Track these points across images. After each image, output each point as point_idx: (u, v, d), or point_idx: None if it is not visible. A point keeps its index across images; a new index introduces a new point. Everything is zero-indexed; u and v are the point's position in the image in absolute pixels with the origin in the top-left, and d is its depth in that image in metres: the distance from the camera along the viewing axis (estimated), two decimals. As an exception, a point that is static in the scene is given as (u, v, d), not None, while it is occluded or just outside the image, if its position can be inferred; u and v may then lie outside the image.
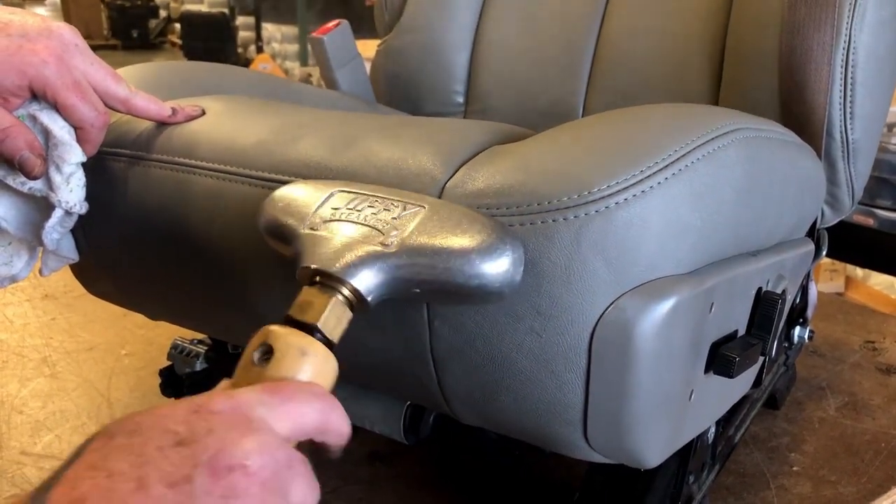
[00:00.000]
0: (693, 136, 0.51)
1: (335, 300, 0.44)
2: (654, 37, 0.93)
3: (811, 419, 1.06)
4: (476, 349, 0.51)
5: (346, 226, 0.48)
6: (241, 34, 6.71)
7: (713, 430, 0.79)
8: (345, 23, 1.02)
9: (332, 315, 0.44)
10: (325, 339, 0.43)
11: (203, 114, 0.67)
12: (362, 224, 0.47)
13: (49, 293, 1.44)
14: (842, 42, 0.74)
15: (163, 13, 8.60)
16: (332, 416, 0.40)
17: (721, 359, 0.57)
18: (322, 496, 0.39)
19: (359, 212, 0.48)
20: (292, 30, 6.21)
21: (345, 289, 0.45)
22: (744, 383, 0.70)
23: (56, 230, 0.64)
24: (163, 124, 0.66)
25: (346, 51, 1.02)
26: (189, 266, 0.65)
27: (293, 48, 6.15)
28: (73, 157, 0.61)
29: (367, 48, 1.16)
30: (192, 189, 0.62)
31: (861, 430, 1.03)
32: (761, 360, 0.66)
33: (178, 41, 7.34)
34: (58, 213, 0.63)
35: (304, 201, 0.51)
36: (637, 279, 0.48)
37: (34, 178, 0.60)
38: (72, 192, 0.62)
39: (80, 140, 0.62)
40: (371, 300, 0.46)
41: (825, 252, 0.85)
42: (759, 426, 1.03)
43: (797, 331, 0.88)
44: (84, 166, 0.66)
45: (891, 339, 1.31)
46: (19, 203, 0.65)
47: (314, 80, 4.35)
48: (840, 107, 0.76)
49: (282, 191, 0.53)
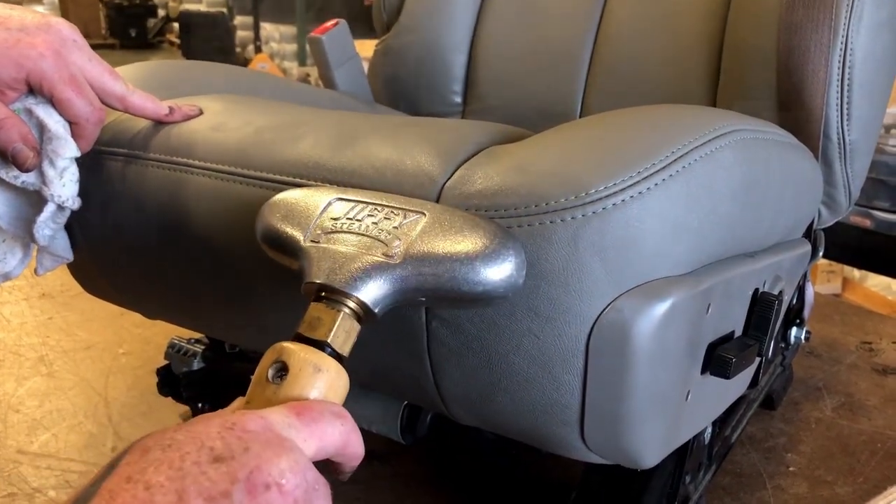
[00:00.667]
0: (690, 138, 0.51)
1: (343, 315, 0.45)
2: (653, 37, 0.93)
3: (808, 420, 1.06)
4: (473, 350, 0.51)
5: (348, 237, 0.48)
6: (240, 34, 6.70)
7: (710, 430, 0.79)
8: (343, 22, 1.02)
9: (341, 330, 0.45)
10: (335, 354, 0.44)
11: (200, 113, 0.67)
12: (364, 235, 0.47)
13: (46, 292, 1.44)
14: (839, 43, 0.74)
15: (161, 12, 8.59)
16: (351, 437, 0.42)
17: (718, 359, 0.57)
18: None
19: (359, 221, 0.48)
20: (291, 29, 6.21)
21: (352, 303, 0.45)
22: (740, 384, 0.70)
23: (48, 225, 0.64)
24: (160, 123, 0.66)
25: (344, 50, 1.02)
26: (186, 265, 0.65)
27: (291, 48, 6.15)
28: (67, 151, 0.61)
29: (366, 48, 1.16)
30: (188, 188, 0.62)
31: (857, 431, 1.04)
32: (758, 360, 0.66)
33: (177, 40, 7.33)
34: (50, 208, 0.63)
35: (303, 211, 0.50)
36: (634, 280, 0.48)
37: (26, 171, 0.60)
38: (65, 186, 0.62)
39: (75, 135, 0.62)
40: (378, 311, 0.46)
41: (822, 253, 0.85)
42: (756, 426, 1.03)
43: (794, 331, 0.88)
44: (81, 164, 0.66)
45: (887, 340, 1.31)
46: (12, 197, 0.65)
47: (312, 80, 4.34)
48: (837, 108, 0.76)
49: (278, 199, 0.52)
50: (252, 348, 0.86)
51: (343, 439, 0.41)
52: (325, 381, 0.43)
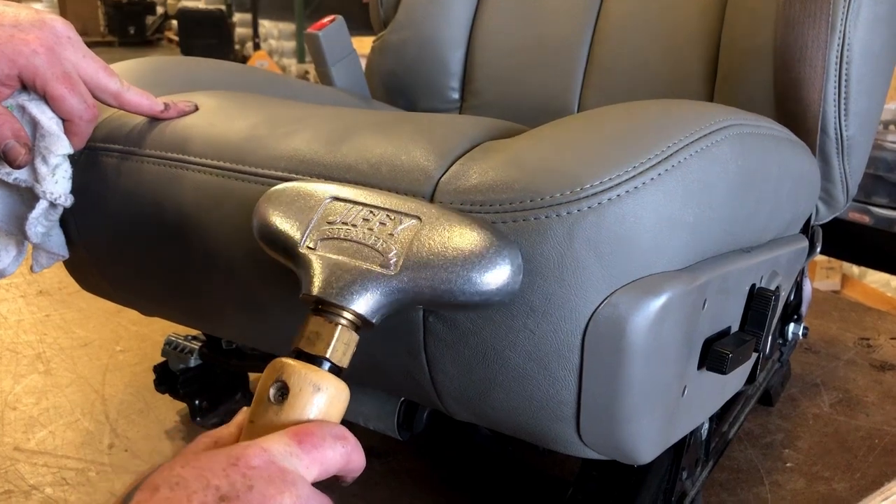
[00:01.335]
0: (686, 133, 0.51)
1: (341, 329, 0.46)
2: (650, 33, 0.93)
3: (805, 416, 1.06)
4: (469, 346, 0.51)
5: (344, 245, 0.48)
6: (238, 31, 6.70)
7: (707, 426, 0.79)
8: (340, 18, 1.02)
9: (340, 343, 0.45)
10: (335, 368, 0.45)
11: (196, 109, 0.67)
12: (360, 243, 0.47)
13: (43, 289, 1.44)
14: (836, 38, 0.74)
15: (160, 10, 8.58)
16: (353, 455, 0.43)
17: (714, 355, 0.57)
18: (317, 492, 0.40)
19: (355, 227, 0.48)
20: (289, 26, 6.20)
21: (349, 315, 0.46)
22: (737, 380, 0.70)
23: (40, 223, 0.64)
24: (155, 119, 0.66)
25: (341, 46, 1.02)
26: (182, 261, 0.65)
27: (290, 45, 6.15)
28: (60, 148, 0.61)
29: (363, 45, 1.16)
30: (184, 184, 0.62)
31: (855, 427, 1.04)
32: (755, 356, 0.66)
33: (175, 38, 7.32)
34: (42, 205, 0.63)
35: (299, 212, 0.50)
36: (630, 275, 0.48)
37: (18, 168, 0.60)
38: (57, 183, 0.62)
39: (68, 132, 0.62)
40: (375, 321, 0.47)
41: (819, 249, 0.85)
42: (754, 422, 1.03)
43: (791, 327, 0.88)
44: (75, 161, 0.65)
45: (885, 337, 1.31)
46: (4, 195, 0.65)
47: (311, 77, 4.34)
48: (834, 103, 0.76)
49: (274, 195, 0.52)
50: (249, 345, 0.86)
51: (344, 460, 0.42)
52: (325, 399, 0.43)
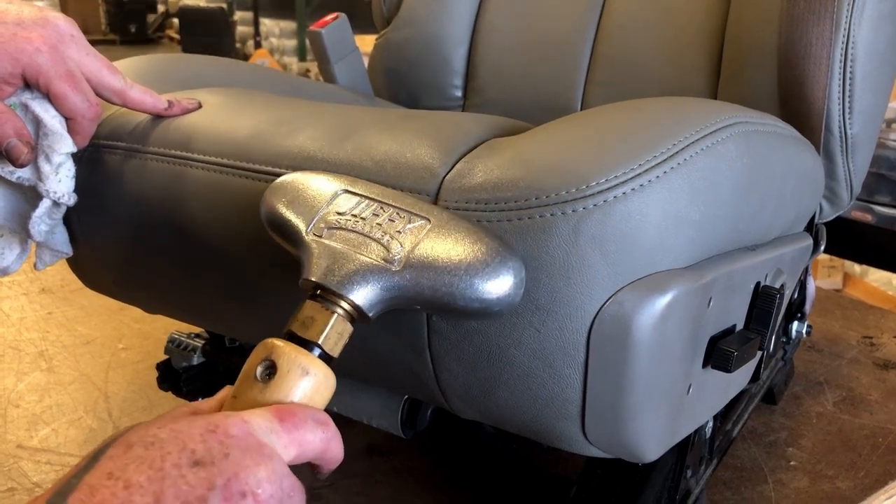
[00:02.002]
0: (692, 130, 0.51)
1: (337, 317, 0.45)
2: (653, 31, 0.93)
3: (809, 414, 1.06)
4: (474, 344, 0.51)
5: (350, 235, 0.47)
6: (240, 29, 6.69)
7: (711, 424, 0.79)
8: (343, 16, 1.02)
9: (334, 331, 0.45)
10: (325, 356, 0.44)
11: (199, 107, 0.67)
12: (367, 236, 0.47)
13: (46, 287, 1.44)
14: (841, 36, 0.74)
15: (161, 8, 8.57)
16: (332, 444, 0.42)
17: (719, 353, 0.56)
18: (319, 490, 0.40)
19: (364, 220, 0.48)
20: (290, 25, 6.20)
21: (346, 304, 0.45)
22: (742, 378, 0.70)
23: (44, 221, 0.64)
24: (159, 117, 0.66)
25: (344, 44, 1.02)
26: (185, 259, 0.65)
27: (291, 43, 6.14)
28: (63, 147, 0.61)
29: (366, 43, 1.16)
30: (188, 182, 0.62)
31: (859, 425, 1.03)
32: (759, 354, 0.66)
33: (176, 36, 7.32)
34: (45, 204, 0.63)
35: (309, 200, 0.50)
36: (635, 273, 0.48)
37: (20, 167, 0.60)
38: (60, 182, 0.62)
39: (72, 131, 0.62)
40: (372, 315, 0.46)
41: (823, 247, 0.85)
42: (757, 421, 1.03)
43: (795, 326, 0.88)
44: (79, 159, 0.65)
45: (888, 335, 1.31)
46: (7, 193, 0.65)
47: (312, 76, 4.34)
48: (839, 101, 0.76)
49: (286, 181, 0.52)
50: (252, 342, 0.86)
51: (323, 446, 0.42)
52: (311, 384, 0.43)
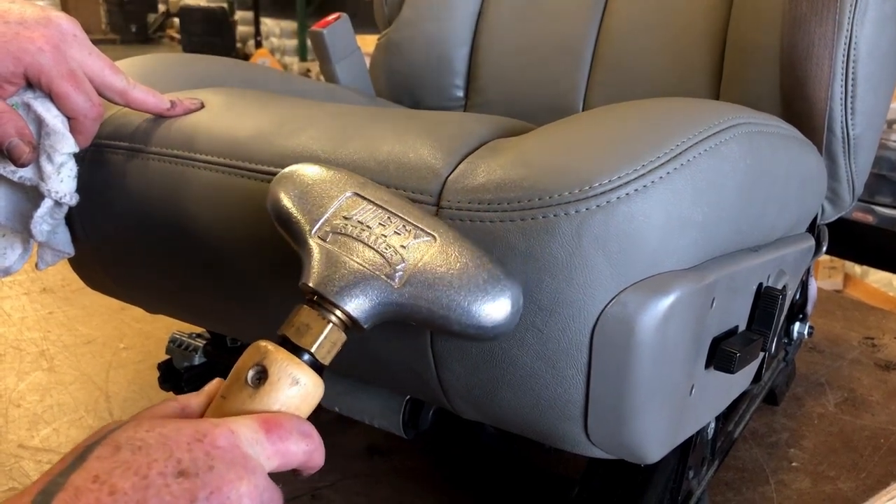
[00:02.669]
0: (695, 131, 0.51)
1: (331, 326, 0.45)
2: (655, 31, 0.93)
3: (810, 415, 1.06)
4: (476, 345, 0.51)
5: (354, 244, 0.47)
6: (240, 29, 6.70)
7: (713, 425, 0.79)
8: (344, 16, 1.02)
9: (328, 341, 0.45)
10: (316, 364, 0.45)
11: (202, 107, 0.67)
12: (371, 247, 0.47)
13: (47, 287, 1.44)
14: (843, 37, 0.74)
15: (161, 7, 8.58)
16: (314, 455, 0.43)
17: (722, 354, 0.56)
18: (320, 490, 0.40)
19: (369, 229, 0.48)
20: (291, 25, 6.20)
21: (342, 314, 0.46)
22: (744, 379, 0.70)
23: (46, 221, 0.64)
24: (161, 117, 0.66)
25: (345, 44, 1.02)
26: (187, 259, 0.65)
27: (292, 43, 6.14)
28: (65, 147, 0.61)
29: (367, 43, 1.16)
30: (190, 182, 0.62)
31: (860, 426, 1.03)
32: (761, 355, 0.66)
33: (177, 36, 7.32)
34: (47, 203, 0.63)
35: (318, 198, 0.50)
36: (638, 274, 0.47)
37: (22, 166, 0.60)
38: (62, 182, 0.62)
39: (74, 131, 0.62)
40: (367, 327, 0.46)
41: (825, 248, 0.85)
42: (759, 422, 1.03)
43: (797, 327, 0.88)
44: (81, 158, 0.65)
45: (890, 336, 1.31)
46: (9, 193, 0.65)
47: (313, 76, 4.34)
48: (841, 102, 0.76)
49: (296, 172, 0.51)
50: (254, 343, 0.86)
51: (306, 458, 0.43)
52: (300, 394, 0.43)
